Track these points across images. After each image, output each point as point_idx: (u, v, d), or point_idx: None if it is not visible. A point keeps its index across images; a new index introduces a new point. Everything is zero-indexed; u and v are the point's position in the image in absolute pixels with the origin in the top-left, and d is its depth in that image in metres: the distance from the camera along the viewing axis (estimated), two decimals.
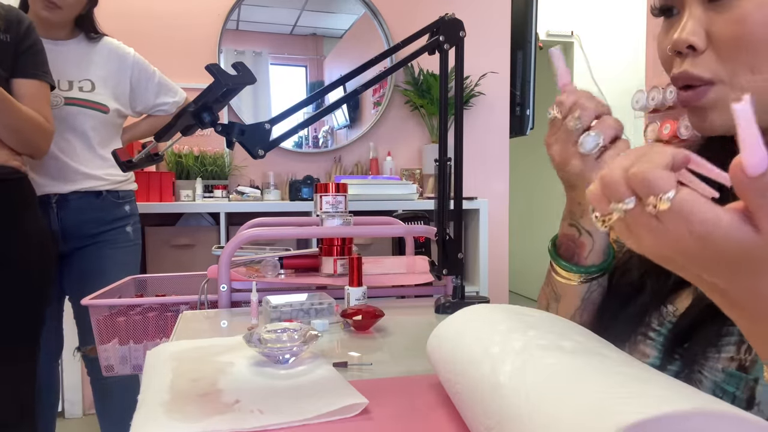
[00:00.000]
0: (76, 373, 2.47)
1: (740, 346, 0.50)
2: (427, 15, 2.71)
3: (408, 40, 0.94)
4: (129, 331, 1.09)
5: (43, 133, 1.40)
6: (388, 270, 1.22)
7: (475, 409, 0.45)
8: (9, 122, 1.30)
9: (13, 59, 1.34)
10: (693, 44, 0.52)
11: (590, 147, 0.56)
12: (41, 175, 1.56)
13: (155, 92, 1.82)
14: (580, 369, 0.39)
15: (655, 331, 0.60)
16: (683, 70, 0.54)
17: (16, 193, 1.35)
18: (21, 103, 1.33)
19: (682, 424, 0.31)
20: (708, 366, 0.52)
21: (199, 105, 0.70)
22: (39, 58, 1.41)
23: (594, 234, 0.64)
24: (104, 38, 1.71)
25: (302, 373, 0.64)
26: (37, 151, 1.42)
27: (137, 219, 1.78)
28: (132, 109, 1.79)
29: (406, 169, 2.88)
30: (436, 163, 1.01)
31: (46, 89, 1.43)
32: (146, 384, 0.62)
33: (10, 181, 1.33)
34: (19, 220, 1.35)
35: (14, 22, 1.34)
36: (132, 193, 1.78)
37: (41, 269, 1.40)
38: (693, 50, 0.53)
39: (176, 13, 2.61)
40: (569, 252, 0.67)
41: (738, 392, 0.49)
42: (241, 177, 2.70)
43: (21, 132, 1.33)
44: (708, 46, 0.53)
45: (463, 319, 0.57)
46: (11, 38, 1.33)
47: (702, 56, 0.53)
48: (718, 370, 0.51)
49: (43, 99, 1.41)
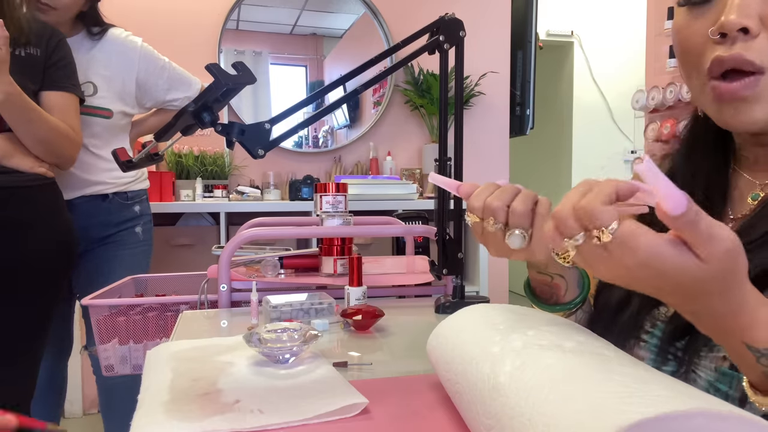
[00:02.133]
0: (76, 373, 2.46)
1: None
2: (427, 15, 2.71)
3: (408, 40, 0.94)
4: (129, 331, 1.09)
5: (70, 143, 1.41)
6: (388, 270, 1.22)
7: (475, 409, 0.45)
8: (37, 133, 1.32)
9: (42, 73, 1.36)
10: (747, 27, 0.48)
11: (519, 244, 0.55)
12: None
13: (165, 88, 1.72)
14: (580, 369, 0.39)
15: (648, 333, 0.60)
16: (736, 52, 0.49)
17: (41, 197, 1.37)
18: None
19: (682, 424, 0.31)
20: (702, 365, 0.52)
21: (199, 105, 0.70)
22: (68, 71, 1.42)
23: (565, 274, 0.64)
24: (110, 32, 1.62)
25: (302, 372, 0.64)
26: (65, 161, 1.43)
27: (148, 219, 1.74)
28: (141, 107, 1.72)
29: (406, 169, 2.88)
30: (436, 163, 1.01)
31: (75, 101, 1.44)
32: (146, 384, 0.62)
33: (35, 186, 1.35)
34: (43, 222, 1.36)
35: (45, 37, 1.36)
36: (143, 193, 1.73)
37: (56, 269, 1.41)
38: (744, 34, 0.49)
39: (176, 12, 2.61)
40: (546, 294, 0.67)
41: (731, 391, 0.49)
42: (241, 177, 2.70)
43: (49, 143, 1.35)
44: (761, 30, 0.49)
45: (463, 318, 0.57)
46: (41, 53, 1.35)
47: (755, 41, 0.49)
48: (712, 369, 0.51)
49: (72, 110, 1.42)
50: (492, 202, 0.55)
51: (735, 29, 0.49)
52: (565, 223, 0.40)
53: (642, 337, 0.60)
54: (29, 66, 1.33)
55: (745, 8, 0.48)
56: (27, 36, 1.32)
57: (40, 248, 1.35)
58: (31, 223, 1.33)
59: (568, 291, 0.65)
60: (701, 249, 0.37)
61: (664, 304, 0.59)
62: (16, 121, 1.29)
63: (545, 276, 0.64)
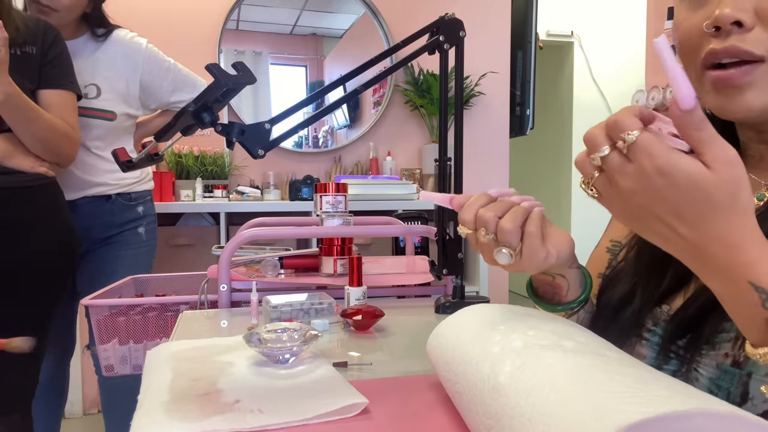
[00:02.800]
0: (76, 373, 2.46)
1: (735, 342, 0.50)
2: (427, 15, 2.71)
3: (408, 40, 0.94)
4: (129, 331, 1.09)
5: (69, 141, 1.41)
6: (388, 270, 1.22)
7: (475, 409, 0.45)
8: (37, 132, 1.32)
9: (39, 71, 1.35)
10: (740, 20, 0.49)
11: (506, 261, 0.55)
12: None
13: (170, 90, 1.72)
14: (580, 369, 0.39)
15: (650, 331, 0.60)
16: (730, 44, 0.50)
17: (42, 197, 1.37)
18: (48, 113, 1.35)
19: (682, 424, 0.31)
20: (703, 363, 0.52)
21: (199, 105, 0.70)
22: (64, 69, 1.41)
23: (567, 274, 0.64)
24: (114, 33, 1.62)
25: (302, 373, 0.64)
26: (64, 159, 1.43)
27: (152, 219, 1.74)
28: (145, 108, 1.71)
29: (406, 169, 2.88)
30: (436, 163, 1.01)
31: (73, 98, 1.43)
32: (146, 384, 0.62)
33: (36, 187, 1.35)
34: (44, 222, 1.36)
35: (39, 34, 1.35)
36: (147, 193, 1.73)
37: (58, 269, 1.41)
38: (739, 27, 0.50)
39: (176, 12, 2.61)
40: (549, 294, 0.67)
41: (732, 388, 0.49)
42: (241, 177, 2.70)
43: (48, 141, 1.35)
44: (755, 23, 0.49)
45: (463, 318, 0.57)
46: (36, 50, 1.34)
47: (750, 33, 0.50)
48: (713, 367, 0.51)
49: (69, 108, 1.42)
50: (483, 215, 0.56)
51: (729, 22, 0.49)
52: (595, 139, 0.44)
53: (644, 335, 0.60)
54: (26, 65, 1.32)
55: (739, 1, 0.49)
56: (23, 35, 1.31)
57: (41, 248, 1.35)
58: (32, 223, 1.33)
59: (569, 291, 0.65)
60: (707, 153, 0.40)
61: (666, 302, 0.59)
62: (16, 121, 1.28)
63: (547, 276, 0.65)
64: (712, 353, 0.51)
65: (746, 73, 0.50)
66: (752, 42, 0.49)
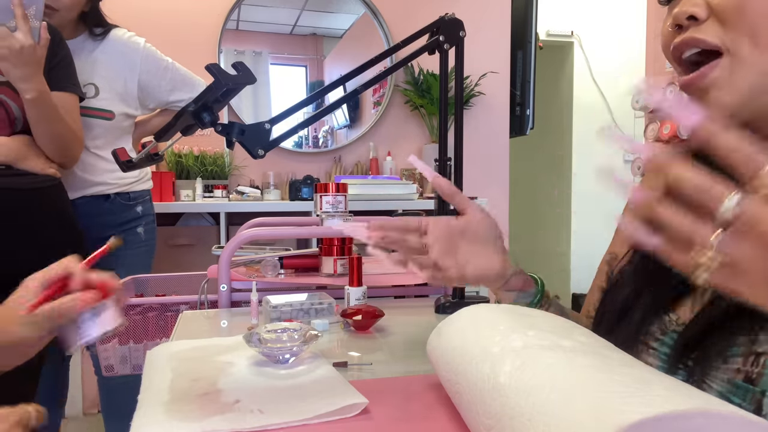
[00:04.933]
0: (76, 373, 2.46)
1: (747, 358, 0.48)
2: (427, 15, 2.71)
3: (408, 40, 0.94)
4: (129, 331, 1.09)
5: (78, 143, 1.42)
6: (388, 270, 1.22)
7: (475, 409, 0.45)
8: (55, 131, 1.33)
9: (47, 73, 1.35)
10: (694, 14, 0.52)
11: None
12: None
13: (168, 89, 1.71)
14: (580, 369, 0.39)
15: (658, 340, 0.58)
16: (687, 36, 0.53)
17: (53, 198, 1.37)
18: None
19: (683, 424, 0.31)
20: (712, 376, 0.50)
21: (199, 105, 0.70)
22: (69, 71, 1.42)
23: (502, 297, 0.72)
24: (112, 32, 1.62)
25: (302, 373, 0.64)
26: (71, 160, 1.43)
27: (151, 219, 1.74)
28: (144, 108, 1.71)
29: (406, 169, 2.88)
30: (436, 163, 1.01)
31: (76, 101, 1.44)
32: (146, 384, 0.62)
33: (47, 188, 1.35)
34: (53, 222, 1.36)
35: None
36: (146, 193, 1.73)
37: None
38: (694, 20, 0.53)
39: (176, 12, 2.61)
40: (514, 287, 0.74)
41: (744, 404, 0.47)
42: (241, 177, 2.70)
43: (63, 141, 1.36)
44: (709, 16, 0.52)
45: (463, 318, 0.57)
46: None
47: (704, 24, 0.53)
48: (724, 381, 0.49)
49: (75, 110, 1.42)
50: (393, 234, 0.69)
51: (684, 18, 0.53)
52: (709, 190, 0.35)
53: (651, 344, 0.59)
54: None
55: None
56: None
57: (52, 249, 1.35)
58: (45, 223, 1.34)
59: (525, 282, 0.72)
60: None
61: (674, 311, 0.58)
62: (40, 119, 1.29)
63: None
64: (723, 367, 0.50)
65: (704, 76, 0.53)
66: (705, 32, 0.52)
